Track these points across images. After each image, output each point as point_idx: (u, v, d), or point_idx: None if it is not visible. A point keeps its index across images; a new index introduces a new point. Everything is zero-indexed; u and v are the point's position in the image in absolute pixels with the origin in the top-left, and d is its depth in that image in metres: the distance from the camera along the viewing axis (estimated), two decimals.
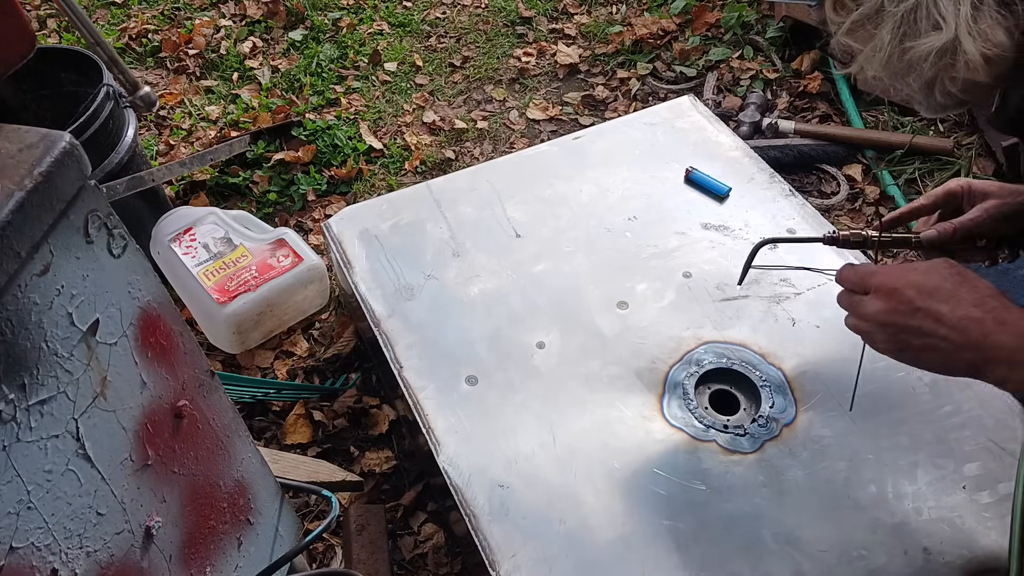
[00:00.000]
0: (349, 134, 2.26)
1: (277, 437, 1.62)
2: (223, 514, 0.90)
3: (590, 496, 1.15)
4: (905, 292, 0.83)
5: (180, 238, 1.75)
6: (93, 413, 0.68)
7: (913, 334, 0.84)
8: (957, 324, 0.80)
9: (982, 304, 0.80)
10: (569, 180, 1.62)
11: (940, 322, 0.81)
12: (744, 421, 1.23)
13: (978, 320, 0.79)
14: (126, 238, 0.72)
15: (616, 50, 2.55)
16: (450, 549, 1.44)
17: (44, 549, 0.63)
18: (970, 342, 0.80)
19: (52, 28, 2.75)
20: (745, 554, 1.09)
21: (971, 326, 0.79)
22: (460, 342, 1.35)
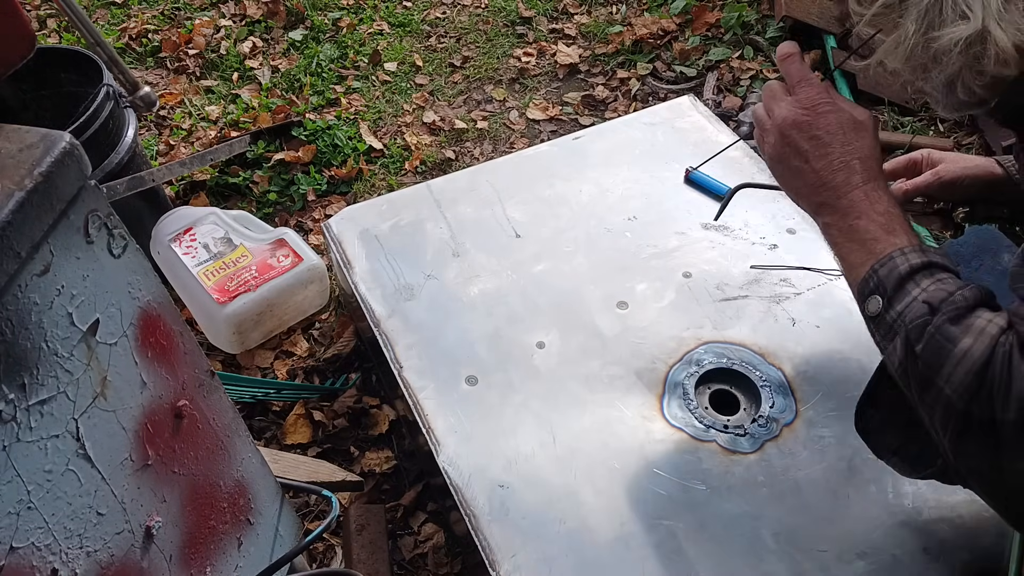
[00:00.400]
0: (349, 134, 2.26)
1: (277, 437, 1.62)
2: (223, 514, 0.90)
3: (590, 496, 1.15)
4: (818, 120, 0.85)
5: (180, 238, 1.75)
6: (93, 413, 0.68)
7: (798, 153, 0.86)
8: (834, 166, 0.84)
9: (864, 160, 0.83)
10: (569, 180, 1.62)
11: (824, 158, 0.84)
12: (744, 421, 1.23)
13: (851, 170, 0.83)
14: (126, 238, 0.72)
15: (616, 50, 2.55)
16: (450, 549, 1.44)
17: (44, 549, 0.63)
18: (832, 184, 0.84)
19: (52, 28, 2.75)
20: (745, 554, 1.08)
21: (841, 173, 0.83)
22: (460, 342, 1.35)
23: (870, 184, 0.83)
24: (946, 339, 0.69)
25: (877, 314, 0.78)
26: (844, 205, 0.83)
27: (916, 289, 0.75)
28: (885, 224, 0.80)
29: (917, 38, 0.73)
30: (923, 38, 0.73)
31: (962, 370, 0.68)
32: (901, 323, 0.74)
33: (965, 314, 0.70)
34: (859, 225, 0.82)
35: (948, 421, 0.69)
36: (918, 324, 0.72)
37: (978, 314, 0.70)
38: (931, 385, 0.70)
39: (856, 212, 0.82)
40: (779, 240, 1.47)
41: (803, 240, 1.47)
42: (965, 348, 0.68)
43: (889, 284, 0.77)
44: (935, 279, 0.75)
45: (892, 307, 0.76)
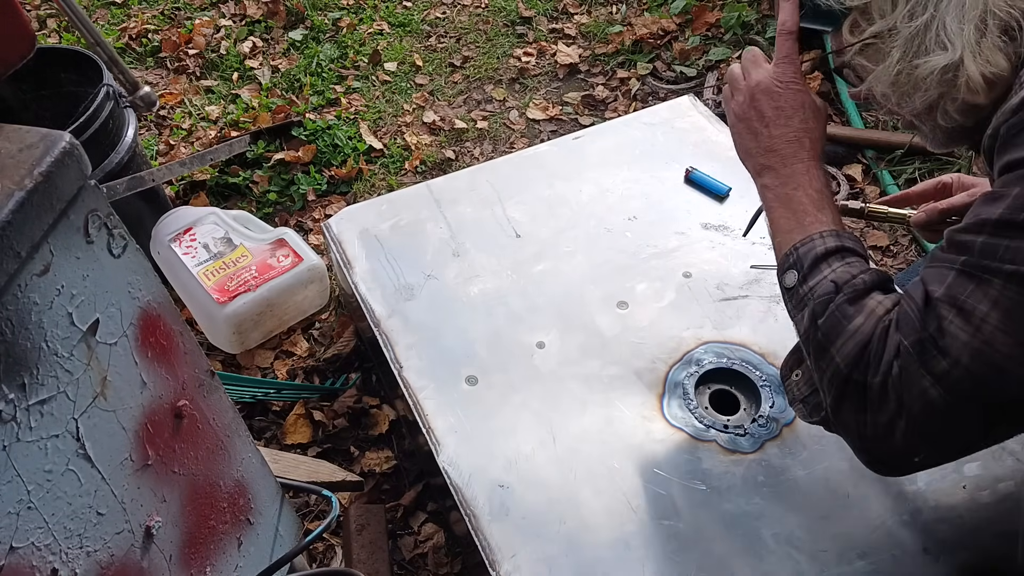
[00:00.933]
0: (349, 134, 2.26)
1: (277, 437, 1.62)
2: (223, 514, 0.90)
3: (590, 496, 1.15)
4: (787, 94, 0.93)
5: (180, 238, 1.75)
6: (93, 413, 0.68)
7: (760, 117, 0.95)
8: (788, 137, 0.93)
9: (814, 144, 0.93)
10: (569, 180, 1.62)
11: (784, 126, 0.93)
12: (744, 421, 1.23)
13: (801, 144, 0.92)
14: (126, 238, 0.72)
15: (616, 50, 2.55)
16: (450, 549, 1.44)
17: (44, 549, 0.63)
18: (780, 152, 0.93)
19: (52, 28, 2.75)
20: (745, 554, 1.08)
21: (792, 146, 0.92)
22: (460, 342, 1.35)
23: (813, 162, 0.92)
24: (843, 316, 0.80)
25: (792, 287, 0.88)
26: (786, 173, 0.92)
27: (827, 269, 0.84)
28: (817, 200, 0.90)
29: (903, 65, 0.80)
30: (908, 64, 0.80)
31: (851, 343, 0.78)
32: (810, 297, 0.84)
33: (862, 296, 0.81)
34: (795, 195, 0.91)
35: (833, 383, 0.80)
36: (823, 300, 0.82)
37: (873, 296, 0.81)
38: (825, 353, 0.81)
39: (795, 183, 0.91)
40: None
41: None
42: (857, 326, 0.79)
43: (806, 262, 0.86)
44: (844, 262, 0.85)
45: (806, 282, 0.86)
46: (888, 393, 0.75)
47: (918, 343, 0.73)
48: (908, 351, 0.74)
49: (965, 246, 0.73)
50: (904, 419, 0.75)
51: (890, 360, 0.75)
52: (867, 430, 0.78)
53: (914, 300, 0.75)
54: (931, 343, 0.72)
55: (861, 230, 1.99)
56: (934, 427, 0.74)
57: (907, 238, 1.96)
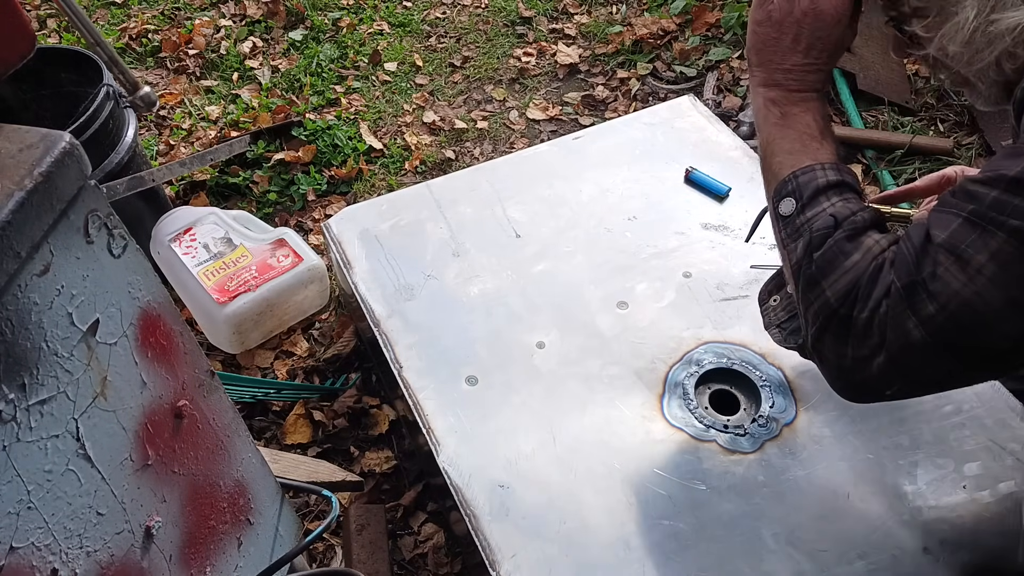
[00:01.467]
0: (349, 134, 2.26)
1: (277, 437, 1.62)
2: (223, 514, 0.90)
3: (590, 496, 1.15)
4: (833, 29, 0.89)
5: (180, 238, 1.75)
6: (93, 413, 0.68)
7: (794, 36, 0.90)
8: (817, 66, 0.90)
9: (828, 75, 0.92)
10: (569, 180, 1.62)
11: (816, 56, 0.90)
12: (744, 421, 1.23)
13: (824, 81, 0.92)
14: (126, 238, 0.72)
15: (616, 50, 2.55)
16: (450, 549, 1.44)
17: (44, 549, 0.63)
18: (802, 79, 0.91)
19: (52, 28, 2.75)
20: (745, 554, 1.09)
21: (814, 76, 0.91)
22: (460, 342, 1.35)
23: (823, 93, 0.93)
24: (840, 252, 0.81)
25: (788, 215, 0.88)
26: (797, 98, 0.91)
27: (827, 203, 0.85)
28: (823, 128, 0.90)
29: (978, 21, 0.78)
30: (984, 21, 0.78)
31: (844, 279, 0.80)
32: (807, 228, 0.84)
33: (860, 233, 0.82)
34: (802, 118, 0.90)
35: (819, 315, 0.81)
36: (821, 234, 0.83)
37: (870, 234, 0.82)
38: (816, 286, 0.82)
39: (805, 106, 0.91)
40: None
41: None
42: (853, 262, 0.80)
43: (806, 192, 0.86)
44: (843, 197, 0.85)
45: (803, 212, 0.86)
46: (872, 329, 0.77)
47: (909, 285, 0.74)
48: (899, 291, 0.75)
49: (976, 196, 0.73)
50: (883, 354, 0.76)
51: (879, 298, 0.76)
52: (846, 362, 0.80)
53: (912, 242, 0.76)
54: (922, 286, 0.73)
55: None
56: (912, 365, 0.76)
57: None
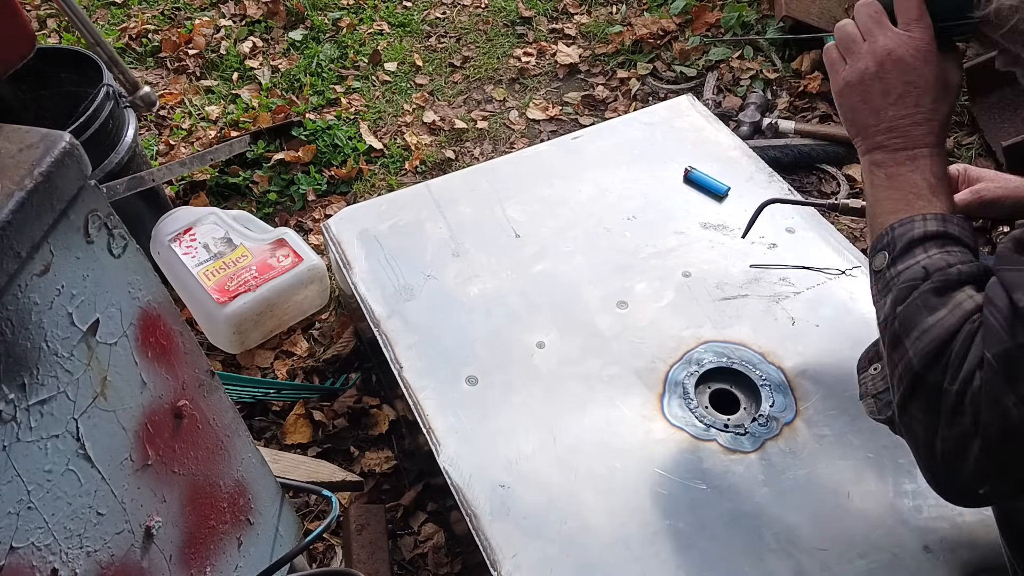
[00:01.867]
0: (349, 134, 2.26)
1: (277, 437, 1.62)
2: (223, 514, 0.90)
3: (591, 496, 1.15)
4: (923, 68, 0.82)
5: (180, 238, 1.75)
6: (93, 413, 0.68)
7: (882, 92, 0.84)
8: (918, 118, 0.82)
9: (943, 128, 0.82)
10: (568, 180, 1.62)
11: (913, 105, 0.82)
12: (744, 420, 1.23)
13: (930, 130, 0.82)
14: (126, 238, 0.72)
15: (616, 50, 2.55)
16: (450, 549, 1.44)
17: (44, 549, 0.63)
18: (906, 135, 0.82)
19: (52, 28, 2.75)
20: (746, 553, 1.08)
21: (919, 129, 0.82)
22: (460, 342, 1.35)
23: (939, 148, 0.82)
24: (925, 306, 0.73)
25: (879, 270, 0.80)
26: (905, 156, 0.82)
27: (922, 254, 0.77)
28: (934, 185, 0.81)
29: None
30: None
31: (929, 337, 0.72)
32: (895, 282, 0.77)
33: (953, 287, 0.73)
34: (909, 177, 0.81)
35: (904, 379, 0.73)
36: (907, 286, 0.75)
37: (964, 289, 0.73)
38: (900, 344, 0.74)
39: (913, 165, 0.82)
40: (778, 239, 1.47)
41: (802, 239, 1.47)
42: (938, 318, 0.72)
43: (899, 244, 0.79)
44: (944, 249, 0.76)
45: (895, 265, 0.78)
46: (964, 406, 0.68)
47: (1004, 355, 0.66)
48: (991, 363, 0.67)
49: None
50: (979, 439, 0.67)
51: (972, 369, 0.68)
52: (936, 442, 0.71)
53: (997, 307, 0.68)
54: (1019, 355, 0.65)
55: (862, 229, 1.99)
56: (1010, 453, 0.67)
57: None
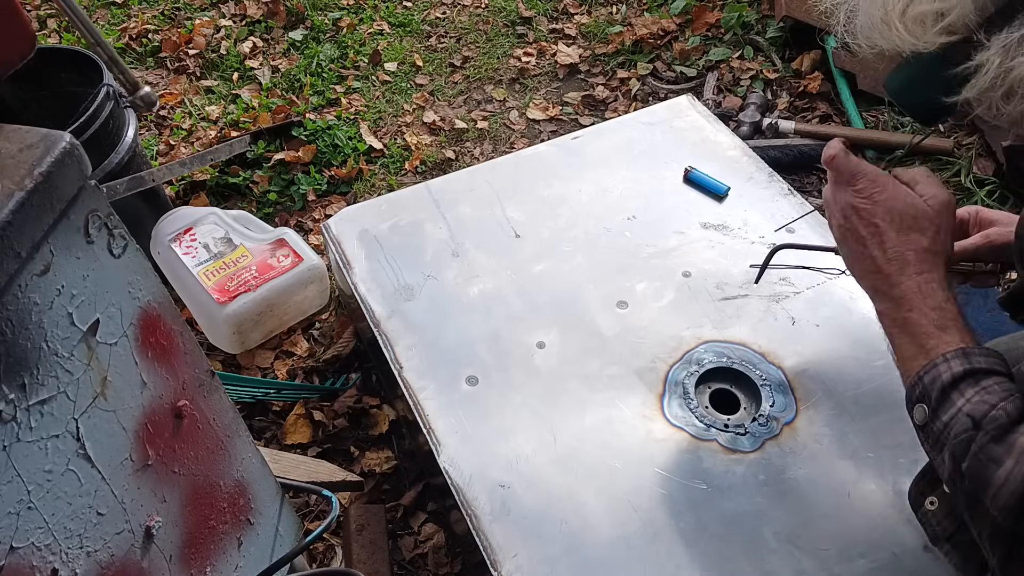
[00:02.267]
0: (349, 134, 2.26)
1: (277, 437, 1.62)
2: (223, 514, 0.90)
3: (591, 496, 1.15)
4: (875, 209, 0.88)
5: (180, 238, 1.75)
6: (93, 413, 0.68)
7: (857, 238, 0.90)
8: (889, 255, 0.87)
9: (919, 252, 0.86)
10: (568, 180, 1.62)
11: (880, 246, 0.87)
12: (744, 420, 1.23)
13: (905, 261, 0.86)
14: (126, 238, 0.72)
15: (616, 50, 2.55)
16: (450, 549, 1.44)
17: (44, 549, 0.63)
18: (885, 272, 0.87)
19: (52, 28, 2.75)
20: (746, 553, 1.09)
21: (895, 264, 0.86)
22: (460, 342, 1.35)
23: (924, 276, 0.85)
24: (990, 459, 0.70)
25: (924, 424, 0.79)
26: (896, 295, 0.86)
27: (960, 399, 0.76)
28: (937, 320, 0.82)
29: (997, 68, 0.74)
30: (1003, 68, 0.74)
31: (1006, 492, 0.69)
32: (947, 436, 0.75)
33: (1008, 430, 0.71)
34: (911, 318, 0.84)
35: (996, 540, 0.71)
36: (962, 440, 0.73)
37: (1019, 429, 0.71)
38: (979, 503, 0.72)
39: (908, 304, 0.84)
40: (778, 239, 1.47)
41: (802, 239, 1.47)
42: (1008, 470, 0.69)
43: (933, 393, 0.78)
44: (979, 387, 0.75)
45: (938, 418, 0.77)
46: None
47: None
48: None
49: None
50: None
51: None
52: None
53: None
54: None
55: None
56: None
57: None
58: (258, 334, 1.73)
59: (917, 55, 0.79)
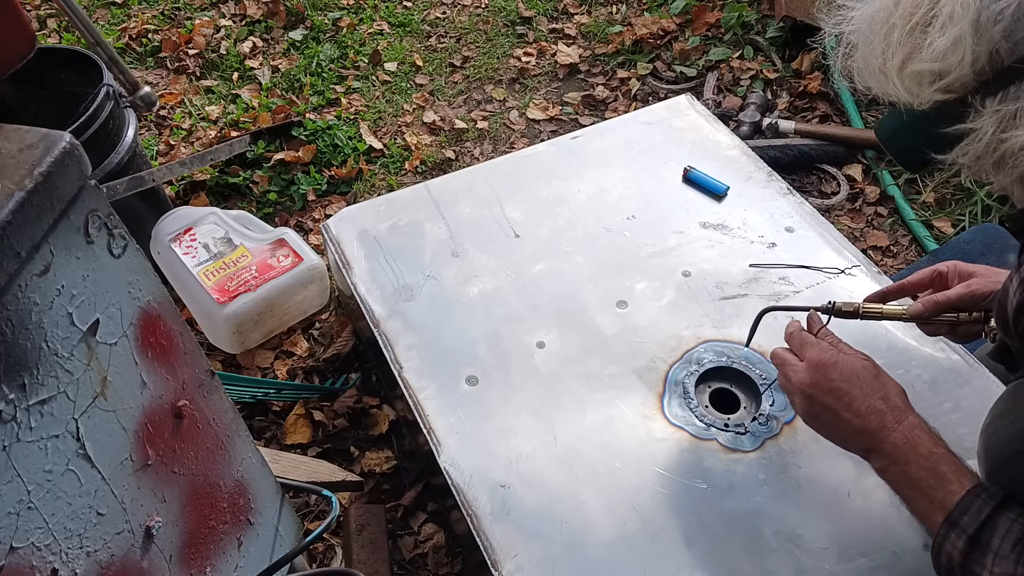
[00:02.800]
0: (349, 134, 2.26)
1: (277, 437, 1.62)
2: (223, 514, 0.90)
3: (591, 495, 1.15)
4: (829, 372, 0.94)
5: (180, 238, 1.75)
6: (93, 413, 0.68)
7: (824, 410, 0.94)
8: (862, 412, 0.92)
9: (889, 402, 0.91)
10: (567, 180, 1.62)
11: (849, 407, 0.92)
12: (744, 419, 1.23)
13: (880, 412, 0.91)
14: (126, 238, 0.72)
15: (616, 50, 2.55)
16: (450, 549, 1.44)
17: (44, 549, 0.63)
18: (868, 429, 0.91)
19: (52, 28, 2.75)
20: (747, 552, 1.09)
21: (872, 417, 0.91)
22: (460, 342, 1.35)
23: (904, 424, 0.90)
24: None
25: None
26: (888, 450, 0.89)
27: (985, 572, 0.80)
28: (932, 468, 0.86)
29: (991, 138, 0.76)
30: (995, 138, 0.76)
31: None
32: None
33: None
34: (911, 472, 0.88)
35: None
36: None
37: None
38: None
39: (904, 458, 0.88)
40: (778, 239, 1.47)
41: (802, 239, 1.47)
42: None
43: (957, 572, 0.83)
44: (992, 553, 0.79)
45: None
46: None
47: None
48: None
49: None
50: None
51: None
52: None
53: None
54: None
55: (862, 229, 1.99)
56: None
57: (907, 238, 1.96)
58: (258, 334, 1.73)
59: (910, 109, 0.81)
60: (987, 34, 0.73)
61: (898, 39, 0.78)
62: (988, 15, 0.72)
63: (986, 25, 0.72)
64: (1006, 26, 0.72)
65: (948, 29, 0.74)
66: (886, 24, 0.79)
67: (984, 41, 0.73)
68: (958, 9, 0.73)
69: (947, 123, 0.78)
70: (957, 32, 0.74)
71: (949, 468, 0.86)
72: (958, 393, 1.22)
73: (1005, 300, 0.84)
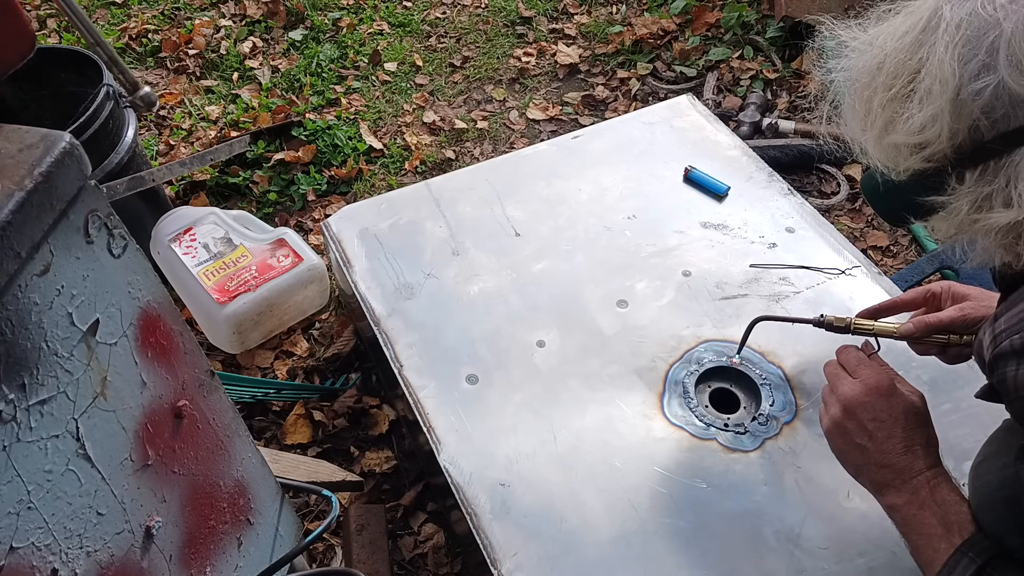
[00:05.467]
0: (349, 134, 2.26)
1: (277, 437, 1.62)
2: (223, 514, 0.90)
3: (591, 495, 1.15)
4: (882, 401, 0.93)
5: (180, 238, 1.75)
6: (93, 413, 0.68)
7: (862, 432, 0.93)
8: (898, 449, 0.90)
9: (927, 450, 0.90)
10: (568, 179, 1.62)
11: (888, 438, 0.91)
12: (744, 419, 1.23)
13: (914, 456, 0.90)
14: (126, 238, 0.72)
15: (616, 50, 2.55)
16: (450, 549, 1.44)
17: (44, 549, 0.63)
18: (896, 468, 0.90)
19: (52, 28, 2.75)
20: (746, 551, 1.09)
21: (904, 458, 0.90)
22: (460, 341, 1.36)
23: (932, 471, 0.89)
24: None
25: None
26: (908, 490, 0.89)
27: None
28: (943, 517, 0.86)
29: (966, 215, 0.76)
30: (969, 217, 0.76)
31: None
32: None
33: None
34: (920, 516, 0.87)
35: None
36: None
37: None
38: None
39: (919, 500, 0.88)
40: (778, 239, 1.47)
41: (802, 239, 1.47)
42: None
43: None
44: None
45: None
46: None
47: None
48: None
49: None
50: None
51: None
52: None
53: None
54: None
55: (862, 229, 1.99)
56: None
57: (907, 238, 1.96)
58: (258, 334, 1.73)
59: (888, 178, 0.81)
60: (966, 110, 0.72)
61: (879, 105, 0.78)
62: (968, 92, 0.72)
63: (965, 102, 0.72)
64: (985, 103, 0.72)
65: (926, 105, 0.74)
66: (868, 88, 0.79)
67: (963, 118, 0.73)
68: (936, 86, 0.73)
69: (925, 192, 0.78)
70: (935, 108, 0.73)
71: (956, 518, 0.86)
72: (958, 394, 1.22)
73: (981, 351, 0.84)
